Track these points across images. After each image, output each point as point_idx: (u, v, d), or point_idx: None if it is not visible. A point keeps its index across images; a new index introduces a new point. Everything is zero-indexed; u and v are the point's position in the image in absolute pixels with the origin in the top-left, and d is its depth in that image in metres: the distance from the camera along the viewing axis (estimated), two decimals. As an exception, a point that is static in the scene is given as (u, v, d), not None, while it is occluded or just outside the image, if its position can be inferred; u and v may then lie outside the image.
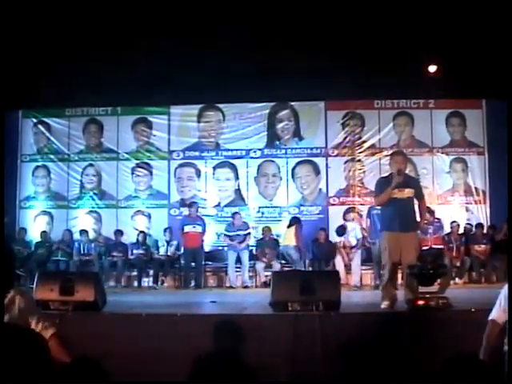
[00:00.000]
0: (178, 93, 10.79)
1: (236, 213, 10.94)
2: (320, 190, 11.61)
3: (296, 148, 11.76)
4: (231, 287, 10.09)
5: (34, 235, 11.45)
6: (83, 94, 10.87)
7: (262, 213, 11.63)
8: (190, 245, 10.33)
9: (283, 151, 11.79)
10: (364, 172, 11.48)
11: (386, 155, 10.03)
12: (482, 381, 2.10)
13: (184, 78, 10.13)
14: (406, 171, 6.44)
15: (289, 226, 10.58)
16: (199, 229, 10.43)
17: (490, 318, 3.55)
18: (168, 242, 10.71)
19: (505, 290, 3.52)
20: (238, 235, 10.55)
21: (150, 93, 10.93)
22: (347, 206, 11.45)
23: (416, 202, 6.23)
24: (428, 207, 10.48)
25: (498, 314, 3.51)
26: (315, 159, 11.67)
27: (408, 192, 6.09)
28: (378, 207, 6.92)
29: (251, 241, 10.80)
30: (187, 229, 10.40)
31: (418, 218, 6.32)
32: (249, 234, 10.68)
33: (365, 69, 9.87)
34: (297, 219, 10.68)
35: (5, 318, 2.70)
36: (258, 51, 9.56)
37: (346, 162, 11.62)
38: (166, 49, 9.52)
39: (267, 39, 9.35)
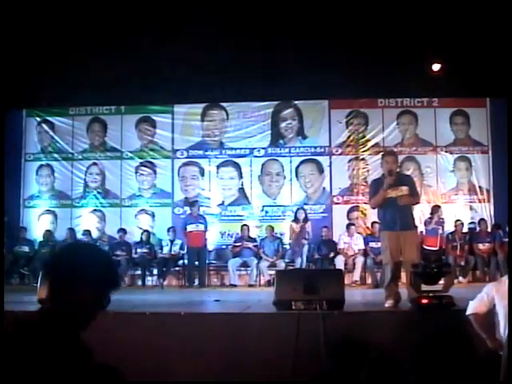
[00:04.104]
0: (182, 91, 10.78)
1: (245, 225, 10.97)
2: (324, 188, 11.60)
3: (300, 147, 11.75)
4: (234, 285, 10.10)
5: (38, 234, 11.48)
6: (87, 93, 10.86)
7: (266, 211, 11.63)
8: (193, 244, 10.35)
9: (287, 150, 11.78)
10: (368, 171, 11.44)
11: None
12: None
13: (188, 76, 10.12)
14: (410, 170, 6.46)
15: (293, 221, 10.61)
16: (202, 227, 10.45)
17: (471, 312, 4.04)
18: (172, 241, 10.73)
19: (488, 287, 4.05)
20: (246, 247, 10.62)
21: (153, 91, 10.92)
22: (351, 205, 11.46)
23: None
24: (437, 205, 10.57)
25: (479, 307, 4.00)
26: (319, 158, 11.65)
27: (403, 190, 6.10)
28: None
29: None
30: (190, 228, 10.42)
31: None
32: (256, 246, 10.69)
33: (368, 67, 9.84)
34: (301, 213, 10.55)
35: None
36: (261, 50, 9.53)
37: (349, 161, 11.61)
38: (170, 48, 9.50)
39: (271, 38, 9.32)
